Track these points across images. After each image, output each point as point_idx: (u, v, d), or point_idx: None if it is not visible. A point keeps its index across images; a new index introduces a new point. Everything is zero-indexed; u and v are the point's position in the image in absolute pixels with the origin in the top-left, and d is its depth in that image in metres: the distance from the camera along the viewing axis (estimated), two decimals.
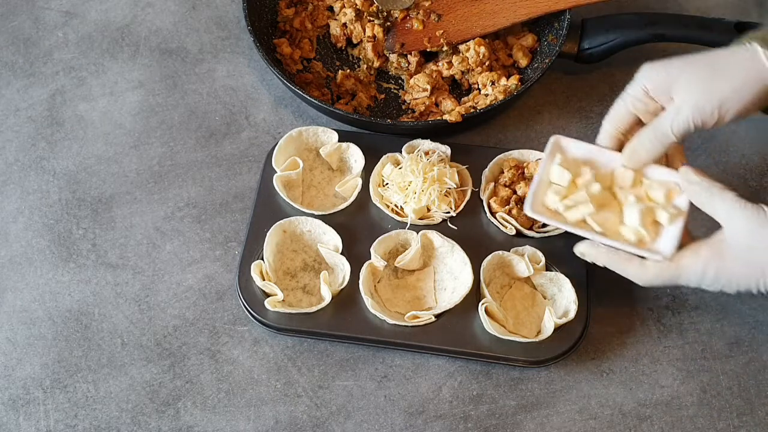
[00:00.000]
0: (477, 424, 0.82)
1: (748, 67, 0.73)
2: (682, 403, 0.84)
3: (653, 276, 0.77)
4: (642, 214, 0.79)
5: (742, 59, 0.74)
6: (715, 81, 0.74)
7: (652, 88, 0.77)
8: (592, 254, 0.80)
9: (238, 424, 0.83)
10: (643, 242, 0.79)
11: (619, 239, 0.79)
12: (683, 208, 0.79)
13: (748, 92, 0.74)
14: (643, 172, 0.81)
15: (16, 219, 0.95)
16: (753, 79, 0.73)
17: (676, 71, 0.75)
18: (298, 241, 0.91)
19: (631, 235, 0.79)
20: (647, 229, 0.79)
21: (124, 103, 1.04)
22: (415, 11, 1.07)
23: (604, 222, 0.80)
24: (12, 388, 0.85)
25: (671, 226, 0.79)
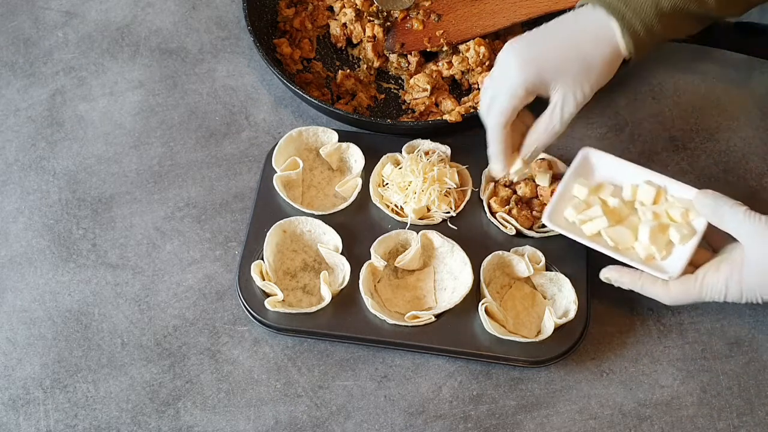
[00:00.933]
0: (477, 424, 0.82)
1: (609, 52, 0.78)
2: (682, 403, 0.84)
3: (677, 295, 0.79)
4: (652, 232, 0.80)
5: (605, 43, 0.78)
6: (588, 75, 0.79)
7: (531, 87, 0.79)
8: (617, 278, 0.83)
9: (238, 424, 0.83)
10: (652, 259, 0.81)
11: (629, 255, 0.81)
12: (699, 228, 0.80)
13: (612, 72, 0.80)
14: (665, 189, 0.84)
15: (16, 219, 0.95)
16: (615, 63, 0.79)
17: (551, 72, 0.78)
18: (298, 241, 0.91)
19: (642, 251, 0.81)
20: (659, 247, 0.80)
21: (124, 103, 1.04)
22: (415, 11, 1.07)
23: (619, 237, 0.82)
24: (12, 388, 0.85)
25: (682, 246, 0.80)
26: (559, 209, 0.84)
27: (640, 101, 1.03)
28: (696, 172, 0.98)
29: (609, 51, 0.78)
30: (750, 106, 1.03)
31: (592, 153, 0.87)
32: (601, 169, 0.87)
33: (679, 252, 0.80)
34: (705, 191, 0.80)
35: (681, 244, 0.80)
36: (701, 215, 0.80)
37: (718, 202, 0.78)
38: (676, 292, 0.79)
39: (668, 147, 0.99)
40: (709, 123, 1.01)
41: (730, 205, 0.77)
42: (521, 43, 0.80)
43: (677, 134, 1.00)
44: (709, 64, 1.06)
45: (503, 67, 0.80)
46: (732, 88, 1.04)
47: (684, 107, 1.03)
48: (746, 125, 1.01)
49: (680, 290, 0.79)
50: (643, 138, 1.00)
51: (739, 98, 1.03)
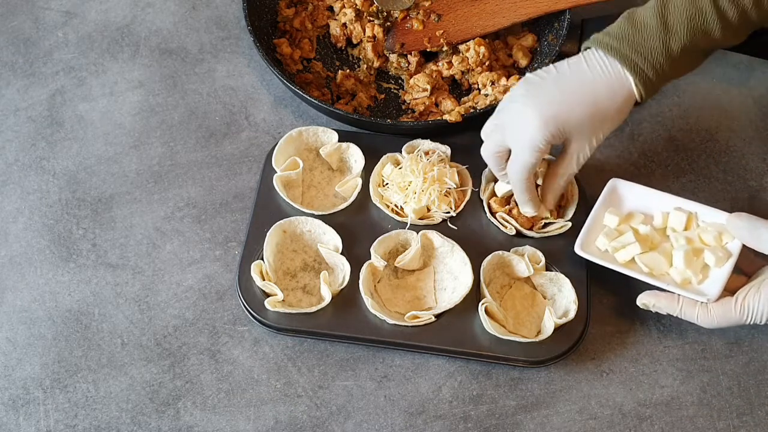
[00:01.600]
0: (477, 424, 0.82)
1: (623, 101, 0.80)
2: (682, 403, 0.84)
3: (718, 318, 0.79)
4: (686, 256, 0.81)
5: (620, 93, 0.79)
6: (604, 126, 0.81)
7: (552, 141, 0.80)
8: (654, 303, 0.83)
9: (238, 424, 0.83)
10: (688, 284, 0.81)
11: (665, 280, 0.81)
12: (734, 250, 0.81)
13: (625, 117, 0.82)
14: (696, 215, 0.84)
15: (16, 219, 0.95)
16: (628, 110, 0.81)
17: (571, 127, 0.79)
18: (298, 241, 0.91)
19: (677, 276, 0.81)
20: (695, 271, 0.81)
21: (124, 103, 1.04)
22: (415, 11, 1.07)
23: (653, 264, 0.83)
24: (12, 388, 0.85)
25: (717, 268, 0.81)
26: (589, 239, 0.85)
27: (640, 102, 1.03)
28: (696, 172, 0.98)
29: (623, 100, 0.80)
30: (750, 106, 1.03)
31: (620, 183, 0.88)
32: (630, 199, 0.88)
33: (716, 274, 0.81)
34: (738, 214, 0.80)
35: (717, 267, 0.81)
36: (736, 237, 0.81)
37: (753, 224, 0.78)
38: (716, 315, 0.79)
39: (668, 147, 0.99)
40: (709, 123, 1.01)
41: (764, 224, 0.77)
42: (539, 93, 0.80)
43: (677, 134, 1.00)
44: (709, 64, 1.05)
45: (522, 119, 0.80)
46: (732, 88, 1.04)
47: (684, 107, 1.03)
48: (746, 125, 1.01)
49: (720, 313, 0.78)
50: (643, 138, 1.00)
51: (739, 98, 1.03)
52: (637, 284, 0.89)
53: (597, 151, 0.97)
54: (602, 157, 0.98)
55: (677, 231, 0.84)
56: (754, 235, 0.78)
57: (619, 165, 0.98)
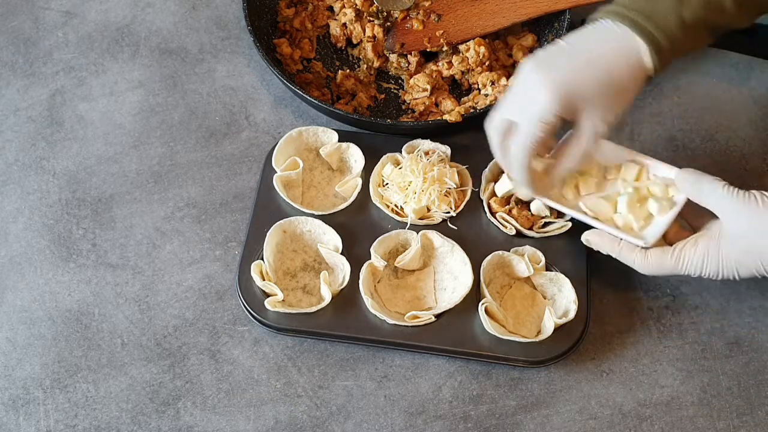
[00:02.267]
0: (477, 424, 0.82)
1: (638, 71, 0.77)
2: (682, 403, 0.84)
3: (654, 265, 0.80)
4: (630, 201, 0.82)
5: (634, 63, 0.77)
6: (620, 98, 0.78)
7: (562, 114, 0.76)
8: (597, 242, 0.83)
9: (238, 424, 0.83)
10: (630, 228, 0.82)
11: (608, 224, 0.82)
12: (678, 202, 0.82)
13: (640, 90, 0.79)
14: (647, 167, 0.85)
15: (16, 219, 0.95)
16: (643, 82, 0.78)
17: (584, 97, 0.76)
18: (298, 241, 0.91)
19: (620, 221, 0.83)
20: (637, 217, 0.82)
21: (124, 103, 1.04)
22: (415, 11, 1.07)
23: (598, 208, 0.84)
24: (12, 388, 0.85)
25: (660, 216, 0.82)
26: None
27: (640, 101, 1.03)
28: None
29: (638, 70, 0.77)
30: (750, 106, 1.03)
31: None
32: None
33: (657, 222, 0.82)
34: (686, 169, 0.81)
35: (659, 216, 0.82)
36: (682, 191, 0.81)
37: (697, 177, 0.79)
38: (652, 261, 0.80)
39: (668, 147, 0.99)
40: (709, 123, 1.01)
41: (709, 180, 0.78)
42: (548, 64, 0.77)
43: (677, 134, 1.00)
44: (709, 64, 1.06)
45: (530, 90, 0.77)
46: (732, 88, 1.04)
47: (684, 107, 1.03)
48: (746, 125, 1.01)
49: (657, 260, 0.79)
50: (643, 138, 1.00)
51: (739, 98, 1.03)
52: (639, 284, 0.89)
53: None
54: None
55: (627, 181, 0.85)
56: (696, 188, 0.78)
57: None
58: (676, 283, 0.90)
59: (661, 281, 0.90)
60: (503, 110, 0.80)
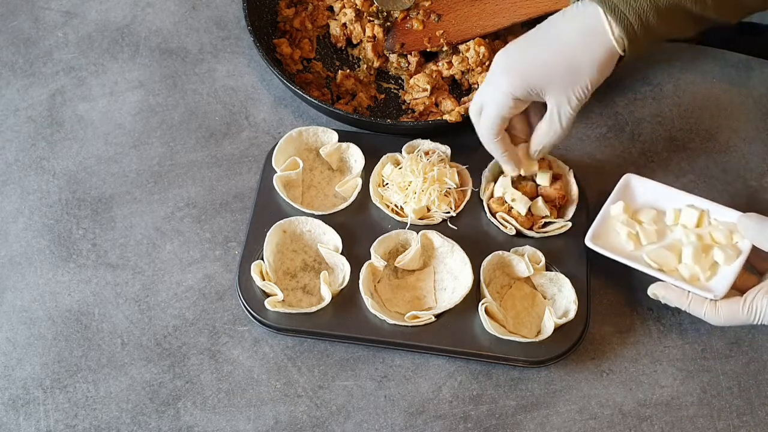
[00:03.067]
0: (477, 424, 0.82)
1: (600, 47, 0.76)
2: (682, 403, 0.84)
3: (726, 317, 0.79)
4: (695, 252, 0.81)
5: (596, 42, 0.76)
6: (578, 79, 0.77)
7: (520, 95, 0.79)
8: (664, 295, 0.82)
9: (238, 424, 0.83)
10: (696, 280, 0.81)
11: (673, 276, 0.81)
12: (744, 248, 0.81)
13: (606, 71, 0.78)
14: (708, 213, 0.84)
15: (16, 219, 0.95)
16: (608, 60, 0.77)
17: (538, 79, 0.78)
18: (298, 241, 0.91)
19: (686, 272, 0.81)
20: (703, 267, 0.81)
21: (124, 103, 1.04)
22: (415, 11, 1.07)
23: (662, 259, 0.82)
24: (12, 388, 0.85)
25: (726, 266, 0.80)
26: (599, 233, 0.85)
27: (640, 101, 1.03)
28: (696, 172, 0.98)
29: (600, 49, 0.76)
30: (750, 106, 1.03)
31: (634, 178, 0.87)
32: (642, 194, 0.88)
33: (724, 272, 0.80)
34: (749, 214, 0.80)
35: (726, 265, 0.80)
36: (745, 237, 0.80)
37: (762, 224, 0.78)
38: (723, 312, 0.78)
39: (668, 147, 0.99)
40: (709, 123, 1.01)
41: None
42: (508, 51, 0.80)
43: (677, 134, 1.01)
44: (709, 64, 1.06)
45: (491, 75, 0.81)
46: (732, 88, 1.04)
47: (684, 107, 1.03)
48: (746, 125, 1.01)
49: (728, 311, 0.78)
50: (643, 138, 1.00)
51: (739, 98, 1.03)
52: (639, 284, 0.89)
53: (597, 151, 0.97)
54: (602, 157, 0.98)
55: (688, 228, 0.84)
56: (762, 235, 0.78)
57: (620, 165, 0.98)
58: None
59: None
60: (476, 96, 0.84)
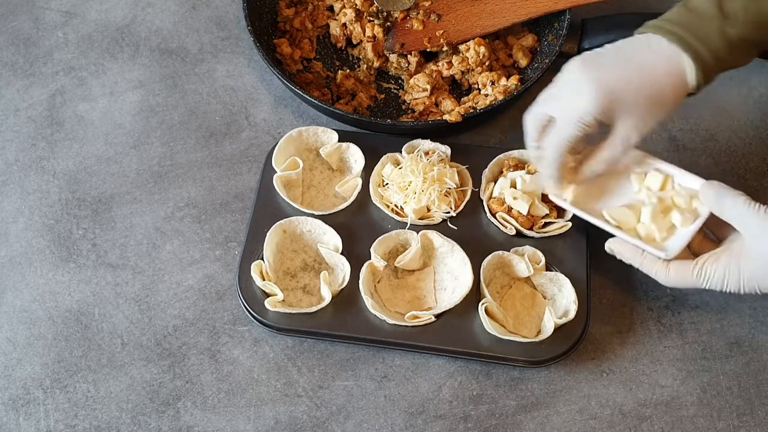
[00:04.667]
0: (477, 424, 0.82)
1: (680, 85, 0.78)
2: (682, 403, 0.84)
3: (675, 278, 0.80)
4: (653, 212, 0.82)
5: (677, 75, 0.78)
6: (659, 107, 0.78)
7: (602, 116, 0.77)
8: (620, 251, 0.83)
9: (238, 424, 0.83)
10: (652, 239, 0.82)
11: (630, 234, 0.82)
12: (702, 214, 0.81)
13: (678, 104, 0.80)
14: (672, 178, 0.85)
15: (16, 219, 0.95)
16: (683, 96, 0.79)
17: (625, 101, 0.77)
18: (298, 241, 0.91)
19: (643, 231, 0.82)
20: (660, 228, 0.81)
21: (124, 103, 1.04)
22: (415, 11, 1.07)
23: (621, 217, 0.83)
24: (12, 388, 0.85)
25: (683, 228, 0.81)
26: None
27: None
28: (696, 172, 0.97)
29: (680, 85, 0.78)
30: (750, 106, 1.03)
31: None
32: None
33: (680, 234, 0.81)
34: (711, 182, 0.80)
35: (682, 227, 0.81)
36: (704, 204, 0.81)
37: (720, 192, 0.78)
38: (674, 274, 0.80)
39: (668, 147, 0.99)
40: (709, 123, 1.01)
41: (732, 195, 0.77)
42: (596, 64, 0.78)
43: (677, 134, 1.01)
44: None
45: (574, 87, 0.78)
46: (732, 88, 1.04)
47: (684, 107, 1.02)
48: (746, 125, 1.01)
49: (679, 273, 0.79)
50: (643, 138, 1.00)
51: (739, 98, 1.03)
52: (639, 284, 0.89)
53: None
54: None
55: (651, 190, 0.85)
56: (718, 203, 0.78)
57: None
58: None
59: None
60: (544, 104, 0.81)
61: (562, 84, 0.80)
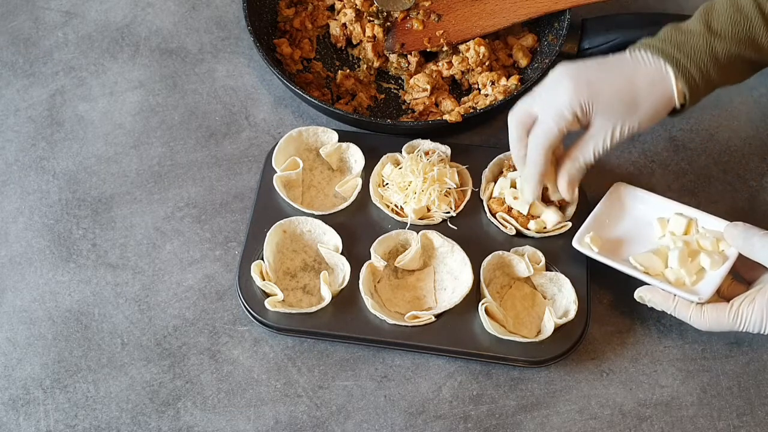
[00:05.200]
0: (477, 424, 0.82)
1: (661, 96, 0.79)
2: (682, 403, 0.84)
3: (711, 322, 0.79)
4: (681, 256, 0.82)
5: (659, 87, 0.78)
6: (635, 114, 0.79)
7: (580, 111, 0.78)
8: (650, 298, 0.83)
9: (238, 424, 0.83)
10: (682, 284, 0.81)
11: (658, 279, 0.82)
12: (730, 255, 0.81)
13: (659, 117, 0.80)
14: (696, 221, 0.85)
15: (16, 219, 0.95)
16: (664, 109, 0.80)
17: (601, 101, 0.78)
18: (298, 241, 0.91)
19: (671, 276, 0.82)
20: (688, 271, 0.81)
21: (124, 103, 1.04)
22: (415, 11, 1.07)
23: (648, 263, 0.83)
24: (12, 388, 0.85)
25: (713, 271, 0.81)
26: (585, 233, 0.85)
27: None
28: (696, 172, 0.98)
29: (661, 96, 0.79)
30: (750, 106, 1.03)
31: (624, 187, 0.88)
32: (631, 202, 0.88)
33: (710, 277, 0.81)
34: (735, 223, 0.80)
35: (712, 270, 0.81)
36: (732, 245, 0.81)
37: (748, 232, 0.79)
38: (709, 317, 0.79)
39: (668, 147, 0.99)
40: (709, 123, 1.01)
41: (760, 235, 0.78)
42: (578, 66, 0.79)
43: (677, 134, 1.01)
44: None
45: (554, 87, 0.80)
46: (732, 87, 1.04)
47: None
48: (746, 125, 1.01)
49: (714, 317, 0.79)
50: (643, 138, 1.00)
51: (739, 98, 1.03)
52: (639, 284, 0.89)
53: None
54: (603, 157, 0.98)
55: (676, 235, 0.85)
56: (747, 243, 0.78)
57: (620, 165, 0.98)
58: None
59: None
60: (527, 101, 0.82)
61: (546, 82, 0.81)
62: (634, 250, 0.85)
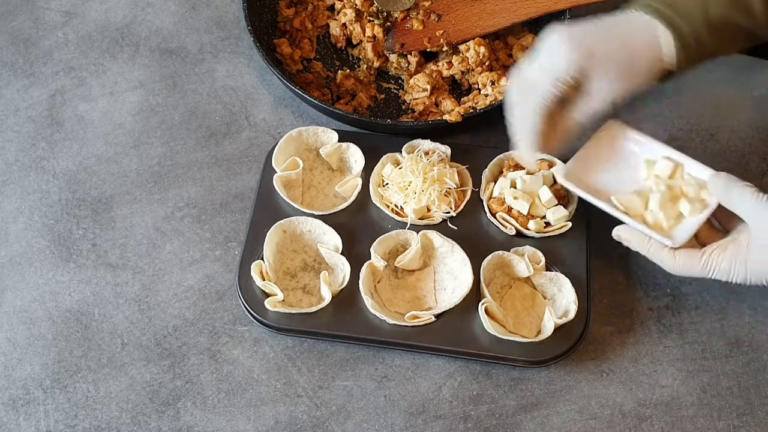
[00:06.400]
0: (477, 424, 0.82)
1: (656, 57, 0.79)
2: (682, 403, 0.84)
3: (682, 266, 0.80)
4: (662, 200, 0.82)
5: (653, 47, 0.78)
6: (632, 73, 0.79)
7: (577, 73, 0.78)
8: (627, 238, 0.83)
9: (238, 424, 0.83)
10: (659, 227, 0.82)
11: (638, 220, 0.82)
12: (710, 204, 0.82)
13: (652, 78, 0.80)
14: (682, 167, 0.85)
15: (16, 219, 0.95)
16: (660, 70, 0.80)
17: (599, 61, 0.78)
18: (298, 241, 0.91)
19: (650, 218, 0.82)
20: (668, 216, 0.82)
21: (124, 103, 1.04)
22: (415, 11, 1.07)
23: (629, 204, 0.83)
24: (12, 388, 0.85)
25: (691, 217, 0.81)
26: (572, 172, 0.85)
27: (640, 101, 1.03)
28: None
29: (654, 55, 0.79)
30: (750, 106, 1.03)
31: (617, 125, 0.88)
32: (622, 142, 0.88)
33: (688, 223, 0.82)
34: (719, 173, 0.81)
35: (690, 216, 0.82)
36: (713, 194, 0.81)
37: (728, 183, 0.79)
38: (681, 262, 0.80)
39: None
40: (709, 123, 1.01)
41: (740, 186, 0.78)
42: (571, 29, 0.79)
43: (677, 134, 1.00)
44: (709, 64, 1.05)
45: (550, 49, 0.79)
46: (732, 88, 1.04)
47: (684, 107, 1.03)
48: (746, 125, 1.01)
49: (685, 262, 0.79)
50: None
51: (739, 98, 1.03)
52: (639, 284, 0.89)
53: None
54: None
55: (660, 177, 0.85)
56: (726, 194, 0.79)
57: None
58: (676, 283, 0.90)
59: (661, 281, 0.90)
60: (523, 67, 0.82)
61: (541, 47, 0.81)
62: (619, 189, 0.85)
